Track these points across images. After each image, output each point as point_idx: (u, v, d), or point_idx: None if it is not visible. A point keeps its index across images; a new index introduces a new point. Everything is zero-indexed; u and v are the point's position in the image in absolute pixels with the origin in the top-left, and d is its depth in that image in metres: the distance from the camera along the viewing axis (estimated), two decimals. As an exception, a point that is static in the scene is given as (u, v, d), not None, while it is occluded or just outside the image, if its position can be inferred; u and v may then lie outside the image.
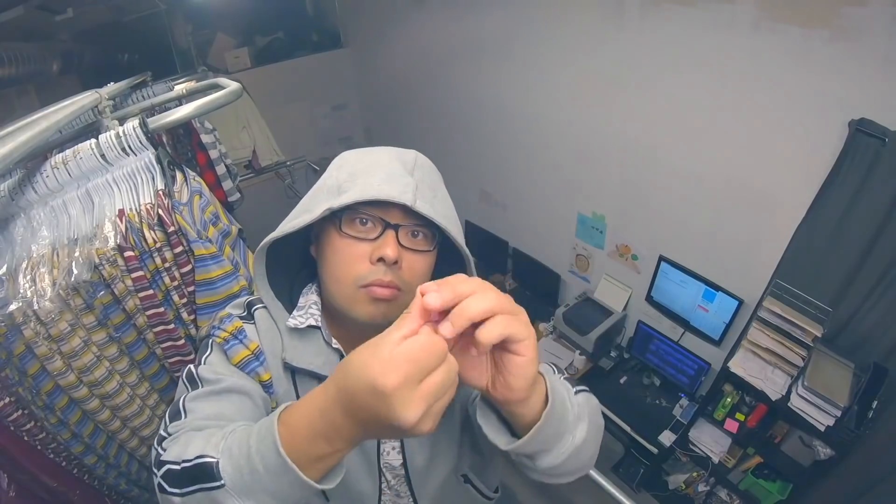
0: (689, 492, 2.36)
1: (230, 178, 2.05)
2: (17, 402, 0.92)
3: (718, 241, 2.14)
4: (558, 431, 0.54)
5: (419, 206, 0.58)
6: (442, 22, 2.96)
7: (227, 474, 0.49)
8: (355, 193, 0.58)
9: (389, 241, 0.59)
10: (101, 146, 0.88)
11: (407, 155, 0.66)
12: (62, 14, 2.08)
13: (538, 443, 0.52)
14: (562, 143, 2.61)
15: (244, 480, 0.48)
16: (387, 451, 0.75)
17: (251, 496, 0.48)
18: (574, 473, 0.60)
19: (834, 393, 1.68)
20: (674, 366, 2.50)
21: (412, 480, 0.76)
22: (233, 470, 0.49)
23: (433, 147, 3.33)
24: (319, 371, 0.68)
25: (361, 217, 0.61)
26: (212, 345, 0.68)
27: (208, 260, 0.97)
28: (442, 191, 0.67)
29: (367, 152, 0.67)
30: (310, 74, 3.78)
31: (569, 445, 0.55)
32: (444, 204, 0.64)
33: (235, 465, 0.49)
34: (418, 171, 0.64)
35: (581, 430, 0.56)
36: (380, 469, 0.75)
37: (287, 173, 3.46)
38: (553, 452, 0.55)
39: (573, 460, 0.56)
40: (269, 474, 0.47)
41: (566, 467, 0.56)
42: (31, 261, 0.88)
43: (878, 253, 1.64)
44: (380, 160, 0.64)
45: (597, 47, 2.24)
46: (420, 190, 0.60)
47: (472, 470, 0.83)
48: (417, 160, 0.66)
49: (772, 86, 1.73)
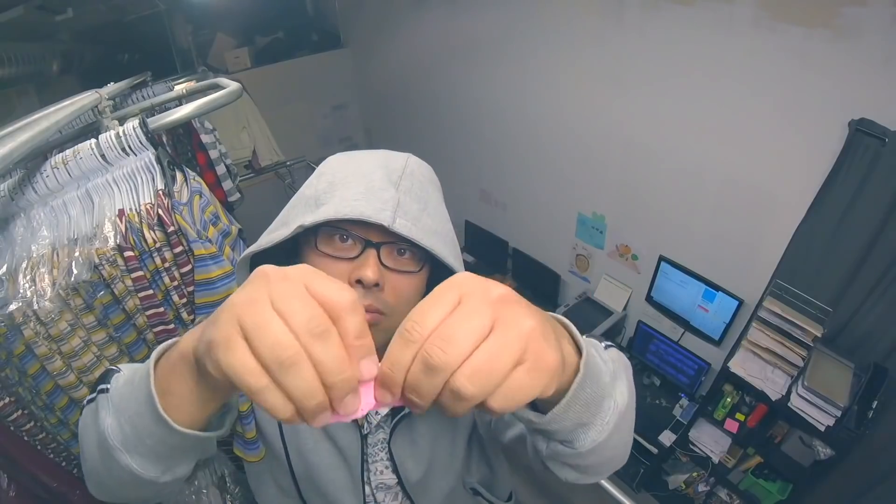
0: (689, 492, 2.36)
1: (230, 178, 2.05)
2: (17, 402, 0.92)
3: (718, 241, 2.14)
4: (597, 395, 0.43)
5: (398, 226, 0.52)
6: (442, 22, 2.95)
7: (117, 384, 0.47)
8: (329, 210, 0.53)
9: (370, 262, 0.53)
10: (101, 146, 0.88)
11: (396, 161, 0.61)
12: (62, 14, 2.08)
13: (576, 413, 0.42)
14: (562, 143, 2.61)
15: (121, 391, 0.46)
16: (379, 470, 0.74)
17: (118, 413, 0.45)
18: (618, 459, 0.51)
19: (834, 393, 1.68)
20: (674, 366, 2.50)
21: (412, 496, 0.75)
22: (123, 381, 0.47)
23: (433, 147, 3.35)
24: None
25: (341, 234, 0.55)
26: None
27: (208, 260, 0.97)
28: (435, 201, 0.61)
29: (352, 158, 0.62)
30: (310, 74, 3.78)
31: (612, 413, 0.45)
32: (434, 218, 0.58)
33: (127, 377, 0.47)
34: (406, 181, 0.58)
35: (622, 392, 0.47)
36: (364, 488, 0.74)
37: (287, 173, 3.45)
38: (595, 425, 0.44)
39: (619, 433, 0.46)
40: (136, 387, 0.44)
41: (611, 445, 0.46)
42: (31, 261, 0.88)
43: (878, 253, 1.64)
44: (362, 168, 0.58)
45: (596, 47, 2.24)
46: (403, 205, 0.54)
47: (481, 483, 0.81)
48: (407, 167, 0.60)
49: (772, 85, 1.73)
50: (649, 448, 2.38)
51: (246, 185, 2.93)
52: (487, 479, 0.83)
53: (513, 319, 0.32)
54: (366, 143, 4.27)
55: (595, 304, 2.78)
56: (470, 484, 0.80)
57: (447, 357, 0.29)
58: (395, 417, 0.71)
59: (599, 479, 0.54)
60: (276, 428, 0.74)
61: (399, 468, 0.73)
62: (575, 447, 0.45)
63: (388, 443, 0.72)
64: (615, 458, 0.51)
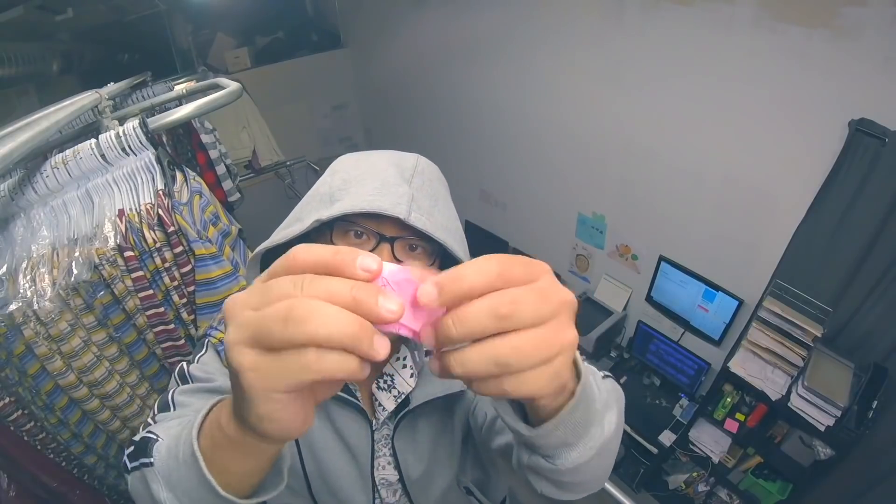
0: (689, 492, 2.36)
1: (230, 178, 2.05)
2: (17, 402, 0.92)
3: (718, 241, 2.14)
4: (586, 420, 0.44)
5: (413, 220, 0.54)
6: (442, 22, 2.95)
7: (160, 455, 0.46)
8: (345, 204, 0.54)
9: (383, 256, 0.54)
10: (102, 146, 0.88)
11: (407, 160, 0.63)
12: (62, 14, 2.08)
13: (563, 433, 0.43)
14: (562, 143, 2.61)
15: (168, 465, 0.45)
16: (382, 465, 0.74)
17: (171, 487, 0.44)
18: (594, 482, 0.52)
19: (834, 393, 1.68)
20: (674, 366, 2.50)
21: (411, 493, 0.76)
22: (166, 451, 0.46)
23: (433, 147, 3.35)
24: None
25: (355, 229, 0.57)
26: (207, 344, 0.68)
27: (208, 260, 0.97)
28: (444, 199, 0.63)
29: (365, 157, 0.64)
30: (310, 74, 3.78)
31: (597, 438, 0.46)
32: (445, 214, 0.60)
33: (169, 447, 0.46)
34: (418, 178, 0.60)
35: (610, 421, 0.48)
36: (374, 484, 0.74)
37: (287, 173, 3.46)
38: (578, 447, 0.45)
39: (599, 459, 0.48)
40: (184, 465, 0.42)
41: (591, 468, 0.48)
42: (31, 261, 0.88)
43: (878, 253, 1.64)
44: (376, 166, 0.60)
45: (596, 47, 2.24)
46: (417, 200, 0.56)
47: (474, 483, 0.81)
48: (418, 166, 0.63)
49: (772, 85, 1.73)
50: (649, 448, 2.38)
51: (246, 185, 2.94)
52: (482, 481, 0.83)
53: (565, 325, 0.32)
54: (366, 142, 4.27)
55: (595, 304, 2.78)
56: (464, 483, 0.80)
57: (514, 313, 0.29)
58: (398, 414, 0.71)
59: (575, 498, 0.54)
60: None
61: (401, 464, 0.73)
62: (555, 464, 0.46)
63: (392, 438, 0.72)
64: (592, 480, 0.52)
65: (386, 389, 0.70)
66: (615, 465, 2.33)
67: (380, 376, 0.72)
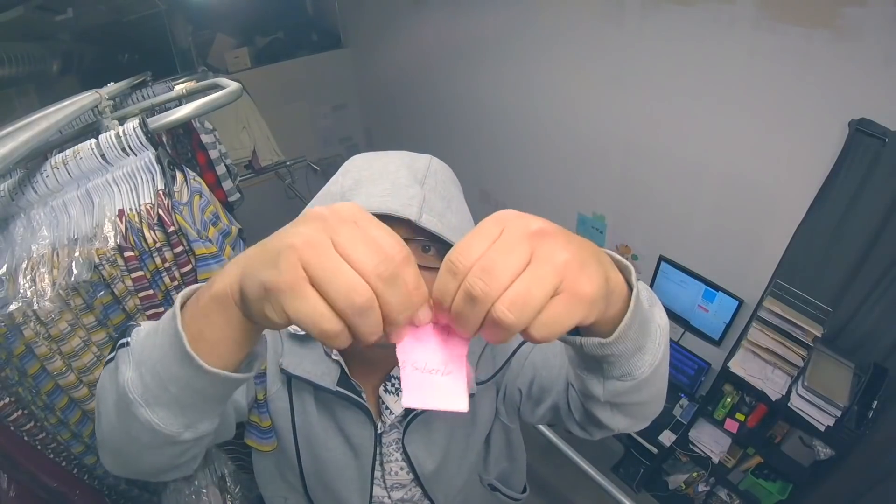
0: (689, 492, 2.36)
1: (230, 178, 2.05)
2: (18, 402, 0.92)
3: (718, 240, 2.14)
4: (645, 318, 0.43)
5: (424, 221, 0.54)
6: (442, 22, 2.95)
7: (138, 336, 0.45)
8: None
9: None
10: (101, 146, 0.88)
11: (419, 161, 0.63)
12: (62, 14, 2.08)
13: (635, 333, 0.42)
14: (562, 143, 2.61)
15: (144, 342, 0.44)
16: (395, 471, 0.75)
17: (138, 364, 0.43)
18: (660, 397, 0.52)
19: (834, 393, 1.68)
20: (674, 366, 2.50)
21: (426, 486, 0.76)
22: (146, 333, 0.45)
23: (433, 147, 3.33)
24: (318, 381, 0.67)
25: None
26: None
27: (210, 259, 0.97)
28: (457, 200, 0.63)
29: (377, 157, 0.64)
30: (310, 74, 3.78)
31: (659, 334, 0.46)
32: (458, 216, 0.60)
33: (148, 329, 0.45)
34: (430, 179, 0.60)
35: (661, 314, 0.48)
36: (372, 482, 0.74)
37: (287, 173, 3.45)
38: (649, 349, 0.45)
39: (665, 361, 0.47)
40: (162, 333, 0.42)
41: (661, 375, 0.48)
42: (31, 261, 0.88)
43: (878, 253, 1.64)
44: (388, 167, 0.60)
45: (597, 47, 2.24)
46: (429, 202, 0.56)
47: (498, 479, 0.82)
48: (431, 167, 0.62)
49: (772, 85, 1.73)
50: (649, 448, 2.38)
51: (246, 185, 2.93)
52: (505, 473, 0.83)
53: (549, 252, 0.33)
54: (366, 142, 4.27)
55: (595, 304, 2.78)
56: (487, 481, 0.81)
57: (487, 288, 0.31)
58: (407, 417, 0.71)
59: (645, 425, 0.56)
60: (288, 421, 0.73)
61: (414, 462, 0.73)
62: (635, 376, 0.45)
63: (402, 441, 0.72)
64: (661, 391, 0.52)
65: (393, 392, 0.71)
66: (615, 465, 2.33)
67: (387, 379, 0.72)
